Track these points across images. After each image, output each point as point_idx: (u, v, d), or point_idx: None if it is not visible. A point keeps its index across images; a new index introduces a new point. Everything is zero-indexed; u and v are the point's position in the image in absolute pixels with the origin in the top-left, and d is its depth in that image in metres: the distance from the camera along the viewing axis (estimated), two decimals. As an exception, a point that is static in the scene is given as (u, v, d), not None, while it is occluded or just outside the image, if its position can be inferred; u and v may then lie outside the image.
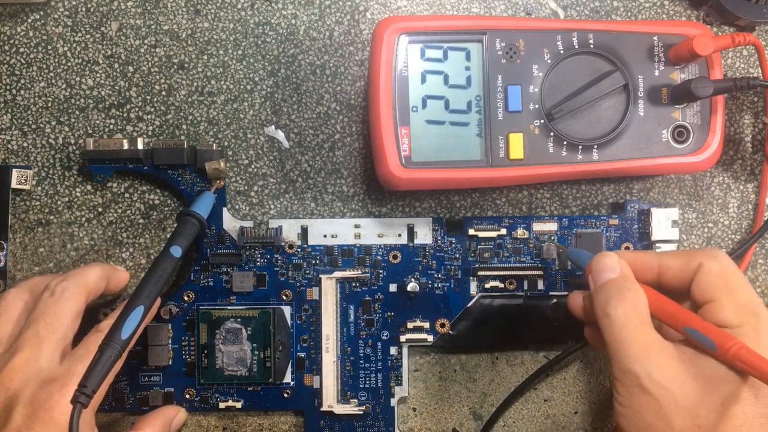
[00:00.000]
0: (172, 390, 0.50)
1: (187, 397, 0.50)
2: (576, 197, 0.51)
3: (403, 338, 0.50)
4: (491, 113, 0.46)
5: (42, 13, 0.50)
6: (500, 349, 0.51)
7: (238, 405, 0.50)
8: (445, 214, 0.51)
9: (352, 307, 0.50)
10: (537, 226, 0.50)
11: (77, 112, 0.51)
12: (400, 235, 0.50)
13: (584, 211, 0.51)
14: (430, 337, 0.50)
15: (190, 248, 0.48)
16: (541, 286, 0.50)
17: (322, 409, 0.50)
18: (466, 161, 0.46)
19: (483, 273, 0.50)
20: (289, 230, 0.50)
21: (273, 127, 0.51)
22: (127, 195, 0.51)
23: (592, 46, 0.46)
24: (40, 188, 0.51)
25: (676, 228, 0.49)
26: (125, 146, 0.49)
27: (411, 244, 0.50)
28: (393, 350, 0.50)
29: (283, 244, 0.50)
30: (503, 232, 0.50)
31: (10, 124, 0.51)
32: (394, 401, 0.50)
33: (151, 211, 0.51)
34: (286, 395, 0.50)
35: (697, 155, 0.47)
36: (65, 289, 0.44)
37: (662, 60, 0.47)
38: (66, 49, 0.51)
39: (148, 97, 0.51)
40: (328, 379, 0.50)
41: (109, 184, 0.51)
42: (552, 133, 0.46)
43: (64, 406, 0.40)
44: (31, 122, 0.51)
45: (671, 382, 0.38)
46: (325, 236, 0.50)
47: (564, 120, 0.46)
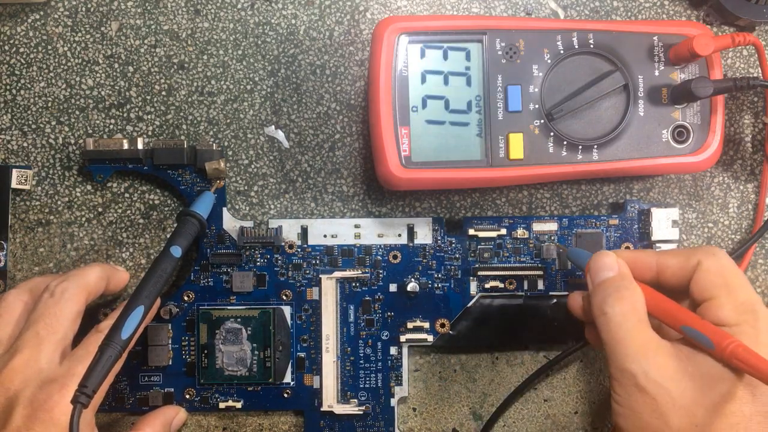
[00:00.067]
0: (172, 390, 0.50)
1: (187, 397, 0.50)
2: (576, 197, 0.51)
3: (403, 338, 0.50)
4: (491, 113, 0.46)
5: (42, 13, 0.50)
6: (500, 349, 0.51)
7: (238, 405, 0.50)
8: (445, 214, 0.51)
9: (352, 307, 0.50)
10: (537, 226, 0.50)
11: (77, 112, 0.51)
12: (400, 235, 0.50)
13: (584, 211, 0.51)
14: (430, 337, 0.50)
15: (190, 248, 0.48)
16: (541, 286, 0.50)
17: (322, 409, 0.50)
18: (466, 161, 0.46)
19: (483, 273, 0.50)
20: (289, 230, 0.50)
21: (273, 127, 0.51)
22: (127, 195, 0.51)
23: (592, 46, 0.46)
24: (40, 188, 0.51)
25: (676, 228, 0.49)
26: (125, 146, 0.49)
27: (411, 244, 0.50)
28: (393, 350, 0.50)
29: (283, 244, 0.50)
30: (503, 232, 0.50)
31: (10, 124, 0.51)
32: (394, 401, 0.50)
33: (151, 211, 0.51)
34: (286, 395, 0.50)
35: (697, 155, 0.47)
36: (65, 290, 0.44)
37: (662, 60, 0.47)
38: (66, 49, 0.51)
39: (148, 97, 0.51)
40: (328, 379, 0.50)
41: (109, 184, 0.51)
42: (552, 133, 0.46)
43: (64, 407, 0.40)
44: (31, 122, 0.51)
45: (668, 381, 0.37)
46: (325, 236, 0.50)
47: (564, 120, 0.46)
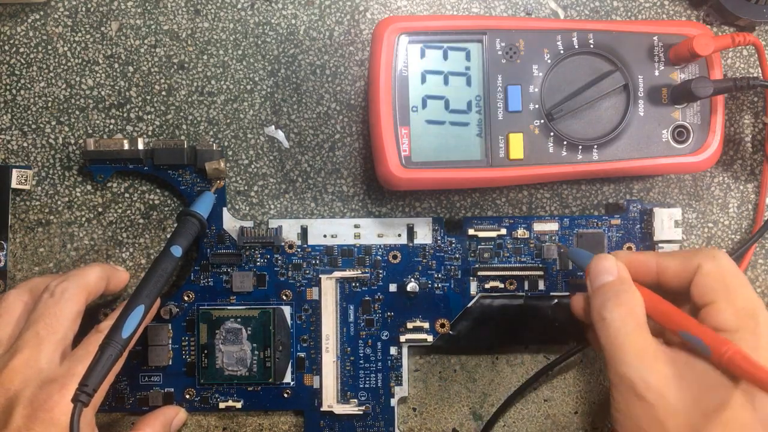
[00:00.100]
0: (172, 390, 0.50)
1: (187, 397, 0.50)
2: (576, 197, 0.51)
3: (403, 338, 0.50)
4: (491, 113, 0.46)
5: (42, 13, 0.50)
6: (500, 350, 0.51)
7: (238, 405, 0.50)
8: (445, 214, 0.51)
9: (351, 307, 0.50)
10: (537, 226, 0.50)
11: (77, 112, 0.51)
12: (400, 235, 0.50)
13: (584, 211, 0.51)
14: (430, 337, 0.50)
15: (190, 248, 0.48)
16: (541, 286, 0.50)
17: (322, 409, 0.50)
18: (466, 161, 0.46)
19: (483, 273, 0.50)
20: (289, 230, 0.50)
21: (273, 127, 0.51)
22: (127, 195, 0.51)
23: (592, 46, 0.46)
24: (40, 188, 0.51)
25: (678, 228, 0.49)
26: (125, 146, 0.49)
27: (411, 244, 0.50)
28: (393, 350, 0.50)
29: (283, 244, 0.50)
30: (503, 232, 0.50)
31: (10, 124, 0.51)
32: (394, 401, 0.50)
33: (151, 211, 0.51)
34: (286, 395, 0.50)
35: (697, 155, 0.47)
36: (65, 290, 0.44)
37: (662, 60, 0.47)
38: (66, 49, 0.51)
39: (148, 97, 0.51)
40: (328, 379, 0.50)
41: (109, 184, 0.51)
42: (552, 133, 0.46)
43: (65, 407, 0.40)
44: (31, 122, 0.51)
45: (666, 388, 0.37)
46: (325, 236, 0.50)
47: (564, 120, 0.46)
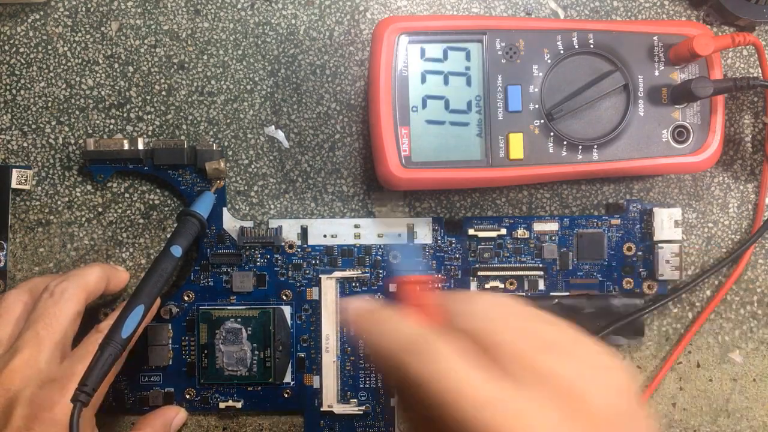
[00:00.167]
0: (172, 390, 0.50)
1: (187, 397, 0.50)
2: (576, 197, 0.51)
3: (403, 338, 0.50)
4: (491, 113, 0.46)
5: (42, 13, 0.50)
6: (500, 349, 0.51)
7: (238, 405, 0.50)
8: (445, 214, 0.51)
9: (352, 307, 0.50)
10: (537, 226, 0.50)
11: (77, 112, 0.51)
12: (400, 235, 0.50)
13: (584, 211, 0.51)
14: (430, 337, 0.50)
15: (190, 248, 0.48)
16: (541, 286, 0.50)
17: (322, 409, 0.50)
18: (466, 161, 0.46)
19: (483, 273, 0.50)
20: (289, 230, 0.50)
21: (273, 127, 0.51)
22: (127, 195, 0.51)
23: (592, 46, 0.46)
24: (40, 188, 0.51)
25: (678, 228, 0.49)
26: (125, 146, 0.49)
27: (411, 244, 0.50)
28: (393, 350, 0.50)
29: (283, 244, 0.50)
30: (503, 232, 0.50)
31: (10, 124, 0.51)
32: (394, 401, 0.50)
33: (151, 211, 0.51)
34: (286, 395, 0.50)
35: (697, 155, 0.47)
36: (65, 290, 0.44)
37: (662, 60, 0.47)
38: (66, 49, 0.51)
39: (148, 97, 0.51)
40: (328, 379, 0.50)
41: (109, 184, 0.51)
42: (552, 133, 0.46)
43: (65, 406, 0.40)
44: (31, 122, 0.51)
45: None
46: (325, 236, 0.50)
47: (564, 120, 0.46)
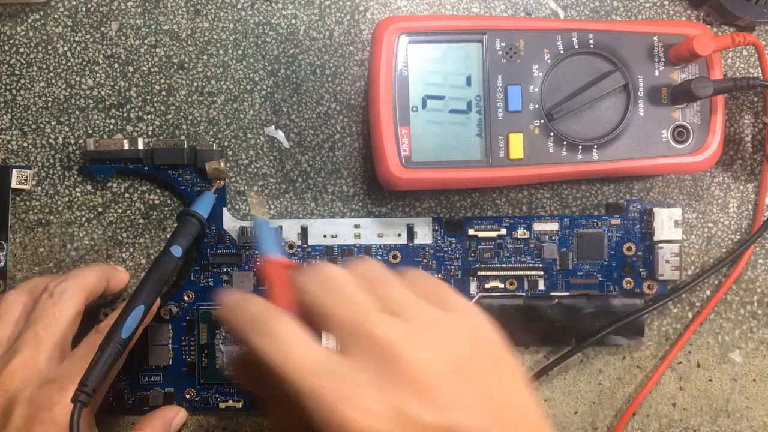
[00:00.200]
0: (172, 390, 0.50)
1: (187, 397, 0.50)
2: (576, 197, 0.51)
3: (403, 338, 0.49)
4: (491, 113, 0.46)
5: (42, 13, 0.50)
6: (500, 349, 0.51)
7: (238, 405, 0.50)
8: (445, 214, 0.51)
9: (352, 307, 0.50)
10: (537, 226, 0.50)
11: (77, 112, 0.51)
12: (400, 235, 0.50)
13: (584, 211, 0.51)
14: (430, 337, 0.50)
15: (190, 248, 0.48)
16: (541, 286, 0.50)
17: (322, 409, 0.50)
18: (466, 161, 0.46)
19: (483, 273, 0.50)
20: (289, 230, 0.50)
21: (273, 127, 0.51)
22: (127, 195, 0.51)
23: (592, 46, 0.46)
24: (40, 188, 0.51)
25: (678, 228, 0.49)
26: (125, 146, 0.49)
27: (411, 244, 0.50)
28: (393, 350, 0.50)
29: (283, 244, 0.50)
30: (503, 232, 0.50)
31: (10, 124, 0.51)
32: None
33: (151, 211, 0.51)
34: (286, 395, 0.50)
35: (697, 155, 0.47)
36: (64, 291, 0.44)
37: (662, 60, 0.47)
38: (66, 49, 0.51)
39: (148, 97, 0.51)
40: (328, 379, 0.50)
41: (109, 184, 0.51)
42: (552, 133, 0.46)
43: (64, 407, 0.40)
44: (31, 122, 0.51)
45: None
46: (325, 236, 0.50)
47: (564, 120, 0.46)
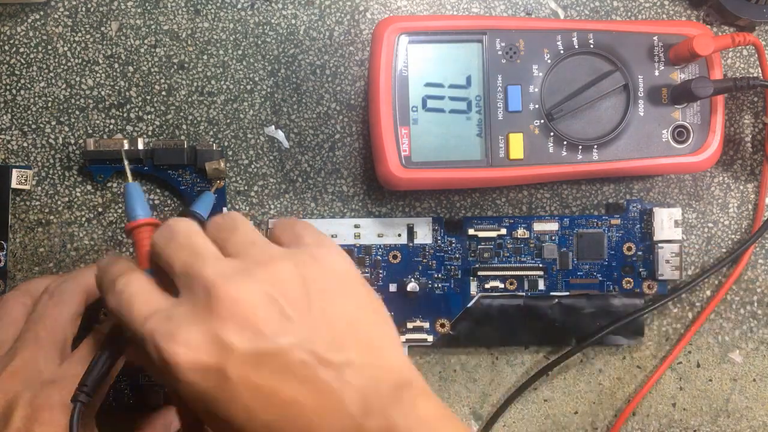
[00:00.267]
0: (173, 390, 0.50)
1: (188, 397, 0.50)
2: (576, 197, 0.51)
3: (403, 338, 0.50)
4: (491, 113, 0.46)
5: (42, 13, 0.50)
6: (500, 350, 0.51)
7: (239, 405, 0.50)
8: (445, 214, 0.51)
9: (352, 307, 0.50)
10: (537, 226, 0.50)
11: (77, 112, 0.51)
12: (400, 235, 0.50)
13: (584, 211, 0.51)
14: (430, 337, 0.50)
15: (190, 248, 0.47)
16: (541, 286, 0.50)
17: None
18: (466, 161, 0.46)
19: (483, 273, 0.50)
20: (289, 230, 0.50)
21: (273, 127, 0.51)
22: (127, 195, 0.51)
23: (592, 46, 0.46)
24: (40, 188, 0.51)
25: (678, 228, 0.49)
26: (125, 146, 0.49)
27: (411, 244, 0.50)
28: (393, 350, 0.50)
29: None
30: (503, 232, 0.50)
31: (10, 124, 0.51)
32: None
33: (152, 211, 0.51)
34: (286, 395, 0.50)
35: (697, 155, 0.47)
36: (64, 292, 0.44)
37: (662, 60, 0.47)
38: (66, 49, 0.51)
39: (148, 97, 0.51)
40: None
41: (109, 184, 0.51)
42: (552, 133, 0.46)
43: (65, 407, 0.40)
44: (31, 122, 0.51)
45: None
46: (325, 236, 0.50)
47: (564, 120, 0.46)
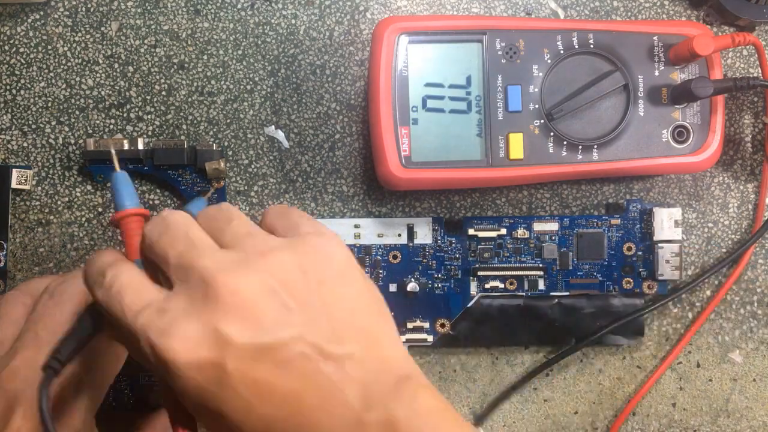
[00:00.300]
0: (173, 390, 0.50)
1: (188, 397, 0.50)
2: (576, 197, 0.51)
3: (402, 338, 0.49)
4: (491, 113, 0.46)
5: (42, 13, 0.50)
6: (500, 350, 0.51)
7: (239, 405, 0.50)
8: (445, 214, 0.51)
9: (352, 307, 0.50)
10: (537, 226, 0.50)
11: (77, 112, 0.51)
12: (400, 235, 0.50)
13: (584, 211, 0.51)
14: (430, 337, 0.50)
15: (190, 248, 0.47)
16: (541, 286, 0.50)
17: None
18: (466, 161, 0.46)
19: (483, 273, 0.50)
20: (289, 230, 0.50)
21: (273, 127, 0.51)
22: (127, 195, 0.51)
23: (592, 46, 0.46)
24: (40, 188, 0.51)
25: (678, 228, 0.49)
26: (125, 146, 0.49)
27: (411, 244, 0.50)
28: (393, 350, 0.50)
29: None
30: (503, 232, 0.50)
31: (10, 124, 0.51)
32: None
33: (151, 211, 0.51)
34: (286, 395, 0.50)
35: (697, 155, 0.47)
36: (64, 292, 0.44)
37: (662, 60, 0.47)
38: (66, 49, 0.51)
39: (148, 97, 0.51)
40: (328, 379, 0.50)
41: (109, 184, 0.51)
42: (552, 133, 0.46)
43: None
44: (31, 122, 0.51)
45: None
46: (325, 236, 0.50)
47: (564, 120, 0.46)
